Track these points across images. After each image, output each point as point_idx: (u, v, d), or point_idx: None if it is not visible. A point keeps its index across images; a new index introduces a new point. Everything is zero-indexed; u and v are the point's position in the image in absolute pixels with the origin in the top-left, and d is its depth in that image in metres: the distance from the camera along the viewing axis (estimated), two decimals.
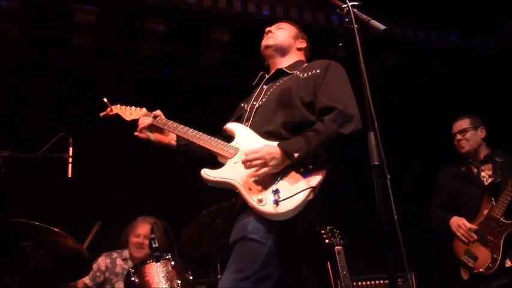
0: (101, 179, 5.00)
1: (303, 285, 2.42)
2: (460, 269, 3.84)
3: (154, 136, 2.64)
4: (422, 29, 6.38)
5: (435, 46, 6.41)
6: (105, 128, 2.83)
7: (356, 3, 2.19)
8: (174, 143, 2.67)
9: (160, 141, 2.65)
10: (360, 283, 4.41)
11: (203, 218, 3.86)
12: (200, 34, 5.60)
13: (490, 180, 3.96)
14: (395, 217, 1.90)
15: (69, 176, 3.23)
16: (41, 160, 3.32)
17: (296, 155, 2.20)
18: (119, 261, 4.25)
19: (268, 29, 2.82)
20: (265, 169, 2.20)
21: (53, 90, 5.19)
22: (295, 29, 2.87)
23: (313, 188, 2.19)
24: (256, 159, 2.21)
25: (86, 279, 4.06)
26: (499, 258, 3.64)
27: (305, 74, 2.56)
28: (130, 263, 4.20)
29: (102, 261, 4.20)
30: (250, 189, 2.23)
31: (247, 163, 2.23)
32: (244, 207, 2.27)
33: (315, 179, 2.22)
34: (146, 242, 4.18)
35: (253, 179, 2.24)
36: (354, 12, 2.15)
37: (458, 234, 3.84)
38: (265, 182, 2.23)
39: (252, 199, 2.20)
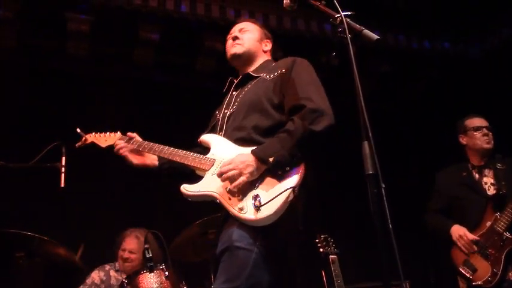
0: (94, 188, 4.98)
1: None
2: (458, 279, 3.79)
3: (135, 159, 2.64)
4: (415, 37, 6.41)
5: (428, 53, 6.44)
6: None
7: (349, 13, 2.19)
8: (156, 163, 2.67)
9: (143, 163, 2.66)
10: None
11: (196, 228, 3.85)
12: (194, 42, 5.61)
13: (492, 188, 3.88)
14: (390, 226, 1.89)
15: (62, 185, 3.21)
16: (34, 170, 3.29)
17: (271, 159, 2.19)
18: (112, 273, 4.22)
19: (234, 34, 2.75)
20: (242, 178, 2.19)
21: (47, 99, 5.18)
22: (260, 30, 2.82)
23: (293, 188, 2.18)
24: (230, 170, 2.20)
25: None
26: (499, 272, 3.56)
27: (271, 75, 2.53)
28: (123, 275, 4.17)
29: (95, 275, 4.15)
30: (230, 198, 2.23)
31: (223, 176, 2.22)
32: (228, 218, 2.26)
33: (293, 179, 2.21)
34: (132, 256, 4.15)
35: (231, 188, 2.23)
36: (347, 22, 2.15)
37: (459, 244, 3.76)
38: (244, 189, 2.22)
39: (233, 208, 2.19)
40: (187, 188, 2.33)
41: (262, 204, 2.14)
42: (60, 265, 3.43)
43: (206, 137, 2.53)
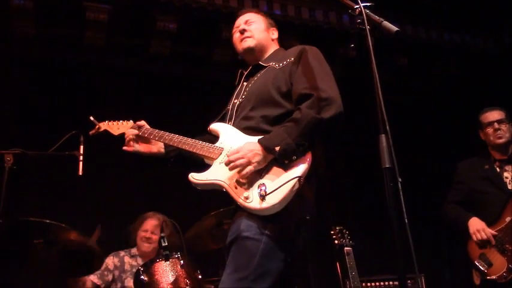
0: (112, 176, 5.03)
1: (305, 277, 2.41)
2: (473, 273, 3.77)
3: (142, 147, 2.66)
4: (435, 29, 6.33)
5: (448, 46, 6.36)
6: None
7: (368, 4, 2.16)
8: (162, 150, 2.68)
9: (150, 151, 2.67)
10: (369, 284, 4.39)
11: (211, 218, 3.87)
12: (211, 33, 5.60)
13: None
14: (406, 220, 1.88)
15: (80, 173, 3.25)
16: (52, 158, 3.34)
17: (277, 148, 2.18)
18: (127, 259, 4.28)
19: (241, 27, 2.72)
20: (250, 167, 2.19)
21: (65, 88, 5.23)
22: (265, 19, 2.80)
23: (299, 178, 2.16)
24: (238, 158, 2.20)
25: (95, 279, 4.09)
26: None
27: (280, 64, 2.52)
28: (139, 260, 4.23)
29: (110, 261, 4.22)
30: (236, 187, 2.23)
31: (230, 164, 2.22)
32: (238, 208, 2.26)
33: (300, 168, 2.19)
34: (154, 236, 4.23)
35: (238, 177, 2.23)
36: (366, 13, 2.13)
37: (475, 238, 3.73)
38: (250, 178, 2.21)
39: (239, 197, 2.20)
40: (195, 177, 2.34)
41: (268, 193, 2.14)
42: (77, 251, 3.46)
43: (215, 126, 2.54)
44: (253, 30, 2.70)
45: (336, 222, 4.27)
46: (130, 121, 2.77)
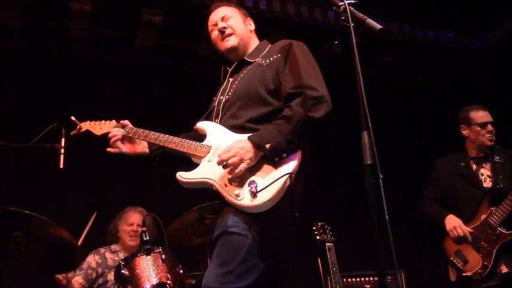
0: (93, 170, 4.99)
1: (290, 276, 2.40)
2: (449, 269, 3.83)
3: (126, 147, 2.60)
4: (420, 27, 6.37)
5: (432, 44, 6.41)
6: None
7: (353, 1, 2.17)
8: (147, 150, 2.63)
9: (134, 152, 2.62)
10: (350, 280, 4.43)
11: (194, 213, 3.87)
12: (197, 26, 5.57)
13: (488, 180, 3.89)
14: (387, 216, 1.90)
15: (61, 167, 3.21)
16: (33, 150, 3.30)
17: (267, 145, 2.17)
18: (108, 255, 4.25)
19: (220, 25, 2.63)
20: (243, 165, 2.17)
21: (47, 80, 5.17)
22: (240, 12, 2.71)
23: (290, 175, 2.17)
24: (230, 157, 2.18)
25: (80, 279, 4.05)
26: (490, 266, 3.59)
27: (267, 60, 2.48)
28: (121, 255, 4.20)
29: (91, 259, 4.18)
30: (226, 185, 2.22)
31: (223, 164, 2.20)
32: (225, 205, 2.25)
33: (290, 165, 2.19)
34: (140, 229, 4.19)
35: (229, 175, 2.21)
36: (350, 11, 2.13)
37: (452, 234, 3.78)
38: (240, 176, 2.20)
39: (230, 195, 2.19)
40: (183, 175, 2.32)
41: (259, 190, 2.13)
42: (57, 245, 3.43)
43: (202, 124, 2.51)
44: (233, 26, 2.63)
45: (318, 218, 4.29)
46: (113, 121, 2.72)
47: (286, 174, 2.16)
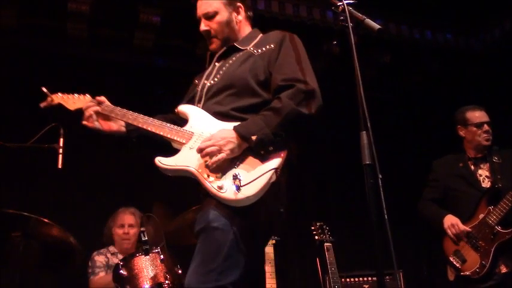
0: (92, 170, 4.98)
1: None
2: (447, 269, 3.84)
3: (101, 124, 2.47)
4: (418, 27, 6.38)
5: (430, 44, 6.42)
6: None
7: (351, 1, 2.17)
8: (124, 129, 2.49)
9: (110, 129, 2.48)
10: (348, 280, 4.42)
11: (192, 213, 3.86)
12: (195, 26, 5.57)
13: (487, 180, 3.90)
14: (386, 216, 1.90)
15: (60, 167, 3.20)
16: (31, 150, 3.29)
17: (254, 137, 2.10)
18: (109, 256, 4.25)
19: (202, 28, 2.53)
20: (221, 155, 2.09)
21: (46, 80, 5.15)
22: (224, 4, 2.53)
23: (275, 170, 2.11)
24: (209, 146, 2.11)
25: (102, 274, 4.07)
26: (488, 265, 3.61)
27: (259, 50, 2.40)
28: (120, 257, 4.19)
29: (99, 258, 4.18)
30: (208, 175, 2.13)
31: (202, 152, 2.12)
32: (207, 196, 2.15)
33: (276, 161, 2.13)
34: (132, 231, 4.20)
35: (210, 165, 2.12)
36: (348, 11, 2.14)
37: (449, 233, 3.80)
38: (223, 167, 2.12)
39: (212, 186, 2.10)
40: (162, 161, 2.21)
41: (243, 184, 2.06)
42: (56, 245, 3.42)
43: (184, 108, 2.40)
44: (217, 29, 2.51)
45: (317, 218, 4.29)
46: (87, 95, 2.59)
47: (272, 169, 2.10)
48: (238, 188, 2.06)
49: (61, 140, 3.24)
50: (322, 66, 5.58)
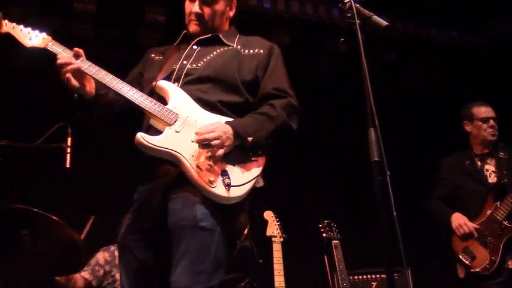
0: (100, 169, 4.99)
1: None
2: (457, 266, 3.84)
3: (74, 80, 2.27)
4: (423, 25, 6.36)
5: (436, 41, 6.40)
6: None
7: None
8: (93, 92, 2.29)
9: (78, 87, 2.26)
10: (356, 277, 4.42)
11: None
12: None
13: (493, 175, 3.91)
14: (395, 213, 1.89)
15: (68, 166, 3.22)
16: (40, 150, 3.30)
17: (250, 139, 2.12)
18: (116, 254, 4.25)
19: (196, 10, 2.42)
20: (222, 151, 2.08)
21: (53, 79, 5.15)
22: None
23: (260, 175, 2.17)
24: (214, 139, 2.06)
25: (86, 274, 4.05)
26: (498, 260, 3.62)
27: (248, 51, 2.40)
28: None
29: (100, 256, 4.19)
30: (198, 166, 2.06)
31: (204, 143, 2.06)
32: (186, 183, 2.08)
33: (261, 165, 2.20)
34: None
35: (204, 157, 2.08)
36: (356, 8, 2.14)
37: (458, 232, 3.81)
38: (215, 162, 2.09)
39: (202, 179, 2.05)
40: (146, 139, 2.07)
41: (233, 184, 2.08)
42: (64, 245, 3.43)
43: (165, 84, 2.26)
44: (210, 15, 2.44)
45: (324, 216, 4.29)
46: (49, 36, 2.37)
47: (258, 175, 2.16)
48: (228, 186, 2.07)
49: (69, 139, 3.25)
50: (328, 63, 5.58)
